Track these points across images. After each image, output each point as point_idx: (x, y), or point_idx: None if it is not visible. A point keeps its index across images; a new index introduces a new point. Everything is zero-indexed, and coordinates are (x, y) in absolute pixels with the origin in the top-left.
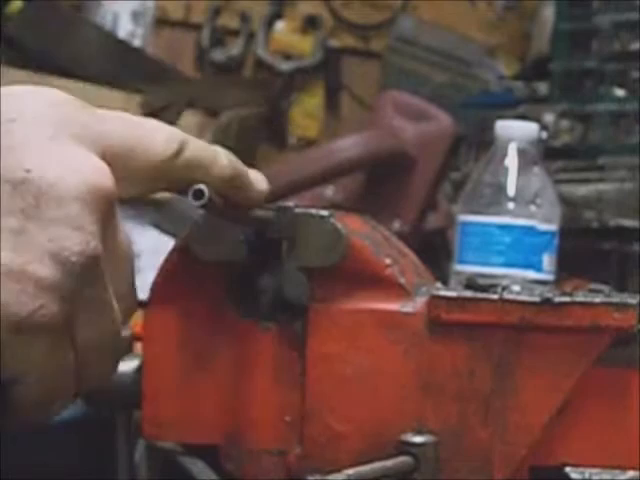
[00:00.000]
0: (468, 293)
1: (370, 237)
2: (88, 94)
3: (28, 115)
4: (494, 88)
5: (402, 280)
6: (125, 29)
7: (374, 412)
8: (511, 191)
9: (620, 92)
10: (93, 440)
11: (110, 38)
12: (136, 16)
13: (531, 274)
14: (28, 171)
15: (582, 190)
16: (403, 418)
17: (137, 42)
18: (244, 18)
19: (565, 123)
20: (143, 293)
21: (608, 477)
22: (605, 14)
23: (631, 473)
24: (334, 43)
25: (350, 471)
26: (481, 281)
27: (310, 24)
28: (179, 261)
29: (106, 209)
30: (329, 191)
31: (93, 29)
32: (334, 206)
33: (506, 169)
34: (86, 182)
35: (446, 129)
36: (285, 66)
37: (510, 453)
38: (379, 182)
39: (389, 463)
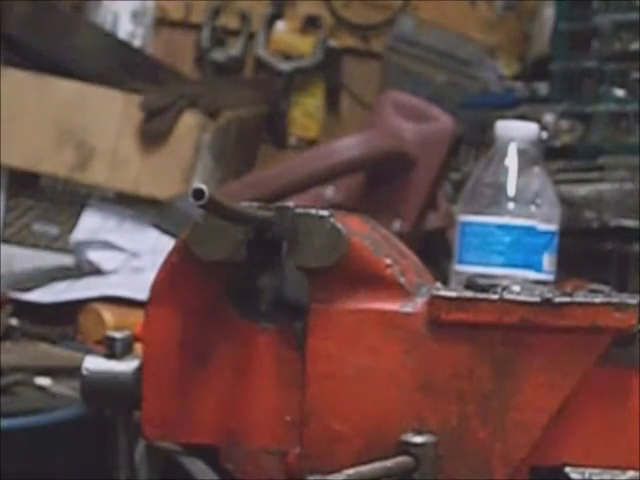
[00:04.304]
0: (468, 293)
1: (370, 237)
2: (88, 94)
3: None
4: (494, 88)
5: (402, 280)
6: (125, 29)
7: (374, 412)
8: (511, 191)
9: (620, 92)
10: (93, 440)
11: (110, 38)
12: (136, 16)
13: (531, 274)
14: None
15: (582, 190)
16: (403, 418)
17: (137, 42)
18: (244, 18)
19: (565, 123)
20: (143, 293)
21: (608, 477)
22: (605, 14)
23: (631, 473)
24: (334, 43)
25: (350, 471)
26: (481, 281)
27: (310, 24)
28: (179, 261)
29: None
30: (329, 191)
31: (93, 29)
32: (334, 206)
33: (506, 169)
34: None
35: (446, 129)
36: (285, 66)
37: (510, 453)
38: (379, 182)
39: (389, 463)
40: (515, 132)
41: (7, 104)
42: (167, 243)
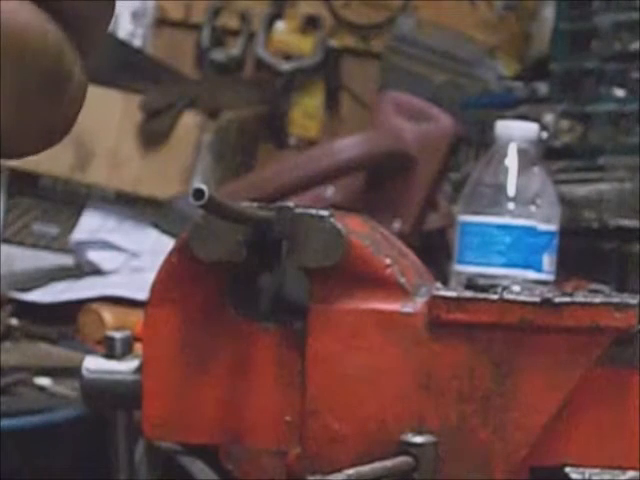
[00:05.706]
0: (468, 293)
1: (370, 237)
2: (88, 94)
3: None
4: (494, 88)
5: (402, 280)
6: (125, 29)
7: (374, 412)
8: (511, 191)
9: (620, 92)
10: (93, 440)
11: (110, 38)
12: (136, 16)
13: (531, 274)
14: None
15: (582, 190)
16: (403, 418)
17: (137, 42)
18: (244, 18)
19: (565, 123)
20: (143, 293)
21: (608, 477)
22: (605, 14)
23: (631, 473)
24: (334, 43)
25: (350, 471)
26: (481, 281)
27: (310, 24)
28: (179, 261)
29: None
30: (329, 191)
31: None
32: (334, 206)
33: (506, 169)
34: None
35: (446, 129)
36: (285, 66)
37: (510, 453)
38: (379, 182)
39: (389, 463)
40: (515, 132)
41: None
42: (167, 243)
